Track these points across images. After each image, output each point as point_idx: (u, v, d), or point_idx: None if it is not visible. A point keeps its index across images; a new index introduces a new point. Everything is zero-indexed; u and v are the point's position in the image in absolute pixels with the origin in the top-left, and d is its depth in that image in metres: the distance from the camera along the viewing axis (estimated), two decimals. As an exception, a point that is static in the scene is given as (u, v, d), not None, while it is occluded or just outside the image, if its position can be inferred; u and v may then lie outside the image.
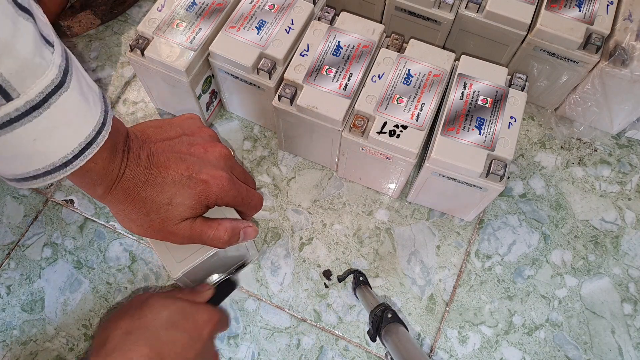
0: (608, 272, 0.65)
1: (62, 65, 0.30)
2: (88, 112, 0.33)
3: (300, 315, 0.61)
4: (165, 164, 0.40)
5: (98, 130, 0.33)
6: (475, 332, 0.61)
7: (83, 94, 0.32)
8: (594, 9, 0.62)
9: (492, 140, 0.54)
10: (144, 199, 0.39)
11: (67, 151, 0.32)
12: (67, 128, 0.31)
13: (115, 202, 0.39)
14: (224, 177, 0.41)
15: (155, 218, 0.40)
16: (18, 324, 0.61)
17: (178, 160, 0.40)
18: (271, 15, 0.61)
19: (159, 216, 0.40)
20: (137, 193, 0.39)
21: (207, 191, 0.41)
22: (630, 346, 0.61)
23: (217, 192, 0.41)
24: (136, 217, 0.40)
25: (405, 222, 0.66)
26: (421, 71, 0.58)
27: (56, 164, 0.32)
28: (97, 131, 0.33)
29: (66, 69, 0.31)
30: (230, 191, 0.42)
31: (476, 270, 0.64)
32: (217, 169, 0.42)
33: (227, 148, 0.45)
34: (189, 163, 0.41)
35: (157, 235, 0.41)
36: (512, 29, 0.63)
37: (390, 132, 0.55)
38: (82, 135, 0.32)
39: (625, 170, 0.71)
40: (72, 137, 0.32)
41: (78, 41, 0.78)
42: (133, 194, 0.39)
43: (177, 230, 0.41)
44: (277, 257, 0.64)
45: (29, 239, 0.65)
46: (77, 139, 0.32)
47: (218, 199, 0.42)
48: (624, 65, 0.60)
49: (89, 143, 0.33)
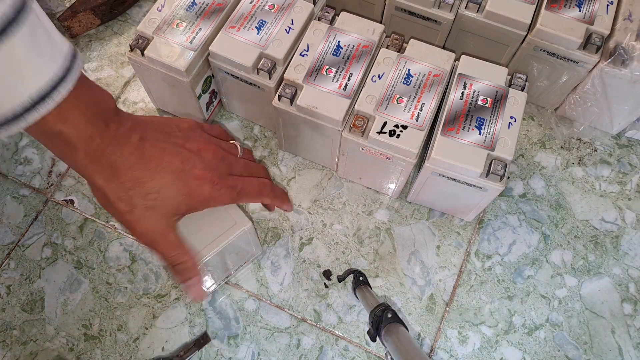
0: (608, 272, 0.65)
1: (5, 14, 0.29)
2: (42, 65, 0.31)
3: (300, 315, 0.61)
4: (161, 152, 0.39)
5: (54, 86, 0.32)
6: (475, 332, 0.61)
7: (36, 46, 0.31)
8: (594, 9, 0.62)
9: (492, 140, 0.54)
10: (132, 180, 0.38)
11: (16, 103, 0.31)
12: (12, 78, 0.30)
13: (98, 176, 0.37)
14: (215, 178, 0.41)
15: (138, 203, 0.38)
16: (18, 324, 0.61)
17: (174, 152, 0.40)
18: (271, 15, 0.61)
19: (144, 202, 0.38)
20: (125, 172, 0.37)
21: (197, 191, 0.40)
22: (630, 346, 0.61)
23: (206, 194, 0.41)
24: (117, 198, 0.38)
25: (405, 222, 0.66)
26: (421, 71, 0.58)
27: (7, 116, 0.31)
28: (52, 87, 0.32)
29: (14, 19, 0.29)
30: (222, 190, 0.42)
31: (476, 270, 0.64)
32: (210, 170, 0.41)
33: (220, 150, 0.44)
34: (184, 157, 0.40)
35: (129, 222, 0.39)
36: (512, 29, 0.63)
37: (390, 132, 0.55)
38: (32, 88, 0.31)
39: (625, 170, 0.71)
40: (20, 89, 0.31)
41: (78, 41, 0.78)
42: (120, 171, 0.37)
43: (152, 225, 0.40)
44: (277, 257, 0.64)
45: (29, 239, 0.65)
46: (25, 91, 0.31)
47: (204, 203, 0.41)
48: (624, 65, 0.60)
49: (42, 97, 0.32)
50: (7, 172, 0.69)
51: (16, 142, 0.71)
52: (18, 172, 0.69)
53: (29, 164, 0.69)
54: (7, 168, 0.69)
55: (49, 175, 0.69)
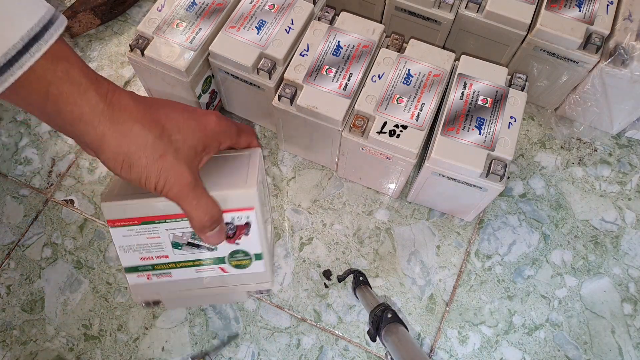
0: (608, 272, 0.65)
1: None
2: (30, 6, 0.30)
3: (300, 315, 0.61)
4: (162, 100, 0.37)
5: (44, 27, 0.30)
6: (475, 332, 0.61)
7: None
8: (594, 9, 0.62)
9: (492, 140, 0.54)
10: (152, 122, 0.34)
11: (8, 45, 0.29)
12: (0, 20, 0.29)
13: (115, 127, 0.32)
14: (218, 113, 0.40)
15: (167, 149, 0.34)
16: (18, 323, 0.61)
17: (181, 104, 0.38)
18: (271, 15, 0.61)
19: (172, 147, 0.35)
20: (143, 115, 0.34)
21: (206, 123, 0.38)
22: (630, 346, 0.61)
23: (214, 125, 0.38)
24: (142, 146, 0.33)
25: (405, 222, 0.66)
26: (421, 71, 0.58)
27: None
28: (42, 28, 0.30)
29: None
30: (227, 122, 0.40)
31: (476, 270, 0.64)
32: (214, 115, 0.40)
33: None
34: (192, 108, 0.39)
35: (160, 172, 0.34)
36: (512, 29, 0.63)
37: (390, 132, 0.55)
38: (22, 28, 0.29)
39: (625, 170, 0.71)
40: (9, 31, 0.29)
41: (78, 41, 0.78)
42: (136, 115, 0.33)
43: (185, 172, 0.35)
44: (277, 257, 0.64)
45: (29, 239, 0.65)
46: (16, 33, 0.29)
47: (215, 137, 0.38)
48: (624, 65, 0.60)
49: (34, 38, 0.30)
50: (7, 172, 0.69)
51: (16, 142, 0.71)
52: (18, 172, 0.69)
53: (29, 164, 0.69)
54: (7, 168, 0.69)
55: (49, 175, 0.69)
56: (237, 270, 0.42)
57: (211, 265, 0.42)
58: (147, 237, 0.40)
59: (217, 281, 0.43)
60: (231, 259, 0.42)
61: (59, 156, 0.70)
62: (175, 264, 0.42)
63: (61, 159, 0.70)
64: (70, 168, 0.69)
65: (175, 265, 0.42)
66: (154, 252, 0.41)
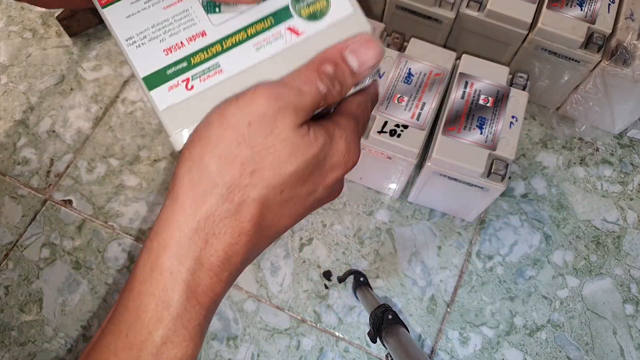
0: (610, 272, 0.64)
1: None
2: None
3: (300, 316, 0.61)
4: None
5: None
6: (476, 333, 0.61)
7: None
8: (596, 8, 0.62)
9: (493, 139, 0.54)
10: None
11: None
12: None
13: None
14: None
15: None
16: (16, 324, 0.60)
17: None
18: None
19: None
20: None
21: None
22: (632, 347, 0.61)
23: None
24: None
25: (406, 223, 0.66)
26: (422, 70, 0.58)
27: None
28: None
29: None
30: None
31: (477, 270, 0.64)
32: None
33: None
34: None
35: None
36: (514, 28, 0.63)
37: (391, 132, 0.55)
38: None
39: (627, 170, 0.70)
40: None
41: (77, 40, 0.77)
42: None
43: None
44: (277, 258, 0.64)
45: (27, 240, 0.65)
46: None
47: None
48: (626, 65, 0.60)
49: None
50: (5, 172, 0.69)
51: (14, 141, 0.71)
52: (16, 172, 0.68)
53: (27, 164, 0.69)
54: (6, 168, 0.69)
55: (47, 175, 0.68)
56: (314, 24, 0.25)
57: (275, 28, 0.25)
58: (164, 7, 0.25)
59: (291, 56, 0.24)
60: (298, 4, 0.25)
61: (57, 156, 0.70)
62: (222, 44, 0.25)
63: (59, 159, 0.69)
64: (69, 168, 0.69)
65: (222, 47, 0.25)
66: (182, 32, 0.25)
